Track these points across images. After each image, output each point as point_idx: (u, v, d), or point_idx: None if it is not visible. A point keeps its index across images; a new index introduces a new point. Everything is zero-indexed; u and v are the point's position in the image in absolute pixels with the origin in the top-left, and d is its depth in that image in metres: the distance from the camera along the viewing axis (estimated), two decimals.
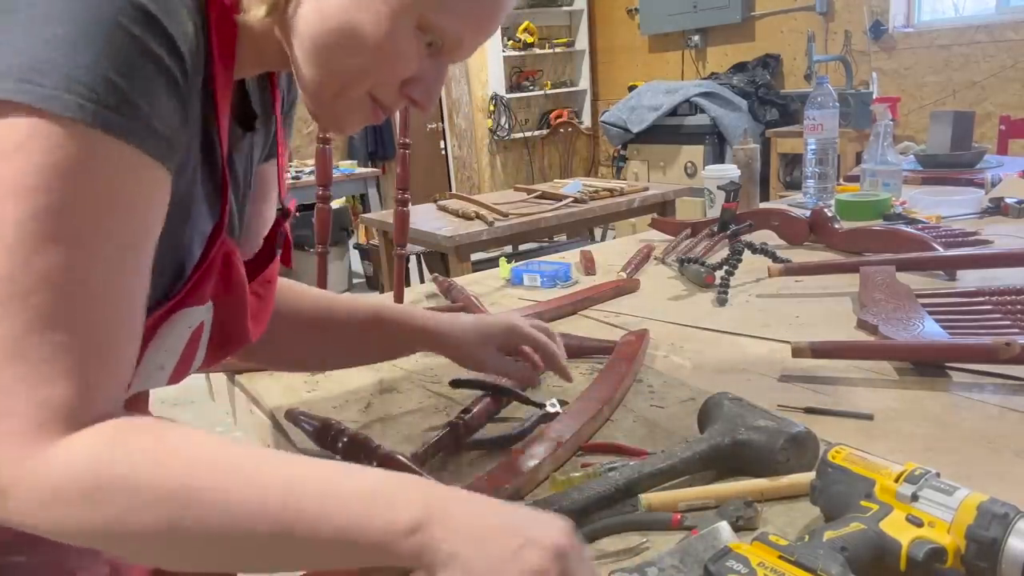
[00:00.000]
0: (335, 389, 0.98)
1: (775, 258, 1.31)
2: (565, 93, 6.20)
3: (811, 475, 0.63)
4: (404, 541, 0.43)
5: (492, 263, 2.37)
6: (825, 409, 0.81)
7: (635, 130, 4.48)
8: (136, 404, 0.80)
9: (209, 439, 0.46)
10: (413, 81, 0.58)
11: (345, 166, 4.68)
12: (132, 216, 0.47)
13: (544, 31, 6.01)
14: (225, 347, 0.67)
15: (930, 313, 1.01)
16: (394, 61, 0.56)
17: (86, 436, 0.44)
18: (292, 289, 0.81)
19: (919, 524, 0.53)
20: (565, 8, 5.96)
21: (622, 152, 4.78)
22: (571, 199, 2.71)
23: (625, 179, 4.48)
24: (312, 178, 3.96)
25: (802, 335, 0.98)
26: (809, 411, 0.81)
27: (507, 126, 5.97)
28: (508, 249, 3.55)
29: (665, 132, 4.42)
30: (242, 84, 0.66)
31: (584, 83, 6.16)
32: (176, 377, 0.63)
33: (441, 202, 2.95)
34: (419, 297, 1.39)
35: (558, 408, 0.84)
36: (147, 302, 0.51)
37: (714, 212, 1.75)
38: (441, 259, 3.36)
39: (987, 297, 1.07)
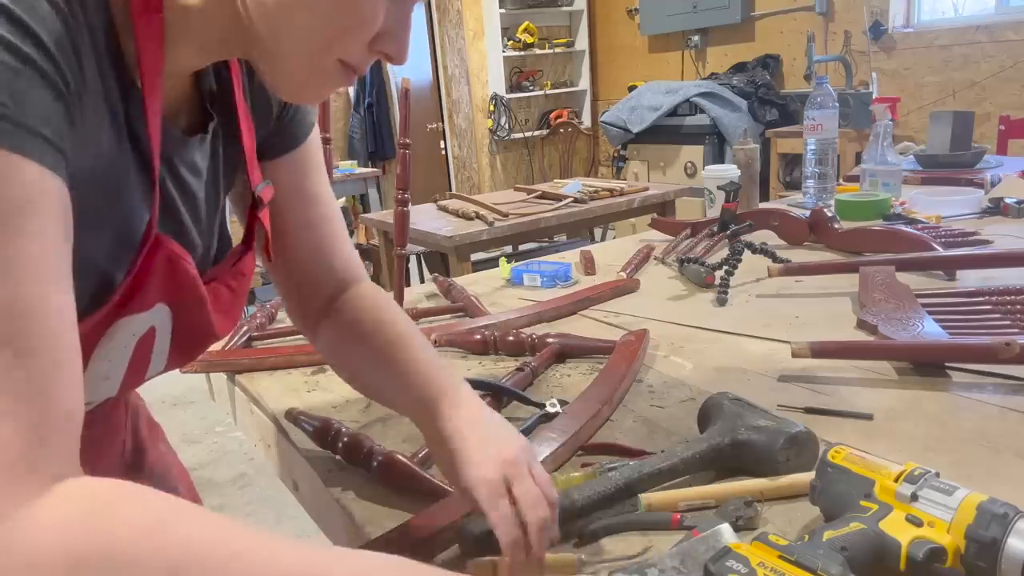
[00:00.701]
0: (335, 389, 0.98)
1: (775, 258, 1.31)
2: (565, 93, 6.20)
3: (811, 475, 0.63)
4: None
5: (492, 263, 2.37)
6: (825, 409, 0.81)
7: (635, 130, 4.48)
8: (116, 409, 0.80)
9: (197, 516, 0.42)
10: (381, 35, 0.55)
11: (345, 166, 4.68)
12: (34, 227, 0.42)
13: (544, 31, 6.01)
14: (191, 348, 0.66)
15: (930, 313, 1.02)
16: (360, 17, 0.53)
17: (62, 499, 0.40)
18: (381, 318, 0.72)
19: (919, 524, 0.53)
20: (565, 8, 5.96)
21: (622, 152, 4.78)
22: (571, 199, 2.71)
23: (625, 179, 4.48)
24: None
25: (802, 335, 0.98)
26: (809, 411, 0.81)
27: (507, 126, 5.97)
28: (508, 249, 3.55)
29: (665, 132, 4.42)
30: (198, 81, 0.63)
31: (584, 83, 6.16)
32: (129, 385, 0.62)
33: (441, 202, 2.95)
34: (419, 297, 1.39)
35: (558, 408, 0.84)
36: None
37: (714, 212, 1.75)
38: (441, 259, 3.36)
39: (987, 297, 1.07)
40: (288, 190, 0.72)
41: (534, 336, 1.05)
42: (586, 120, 6.16)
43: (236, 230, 0.75)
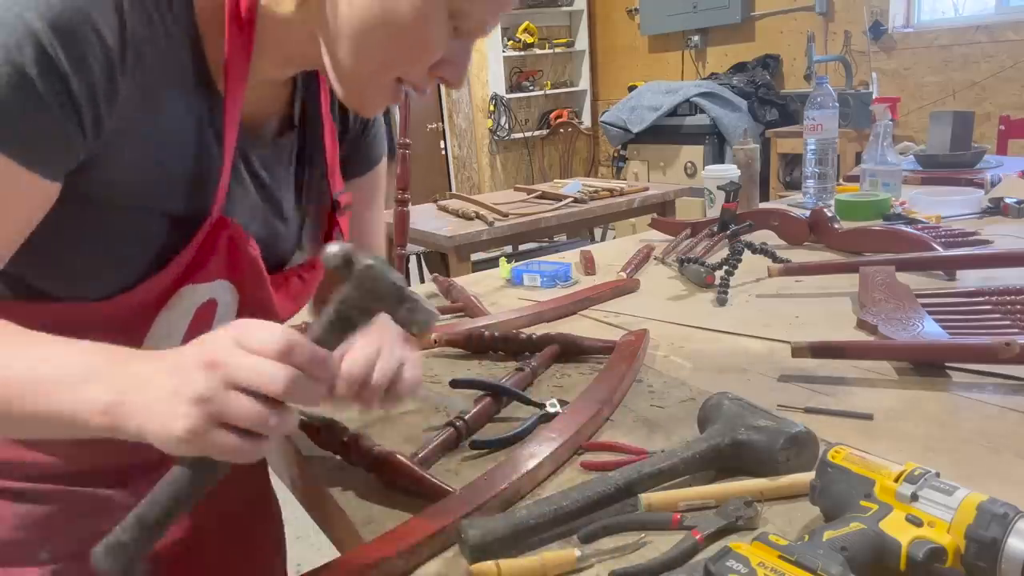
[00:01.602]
0: None
1: (775, 258, 1.31)
2: (565, 93, 6.20)
3: (811, 475, 0.63)
4: (98, 419, 0.50)
5: (492, 263, 2.37)
6: (825, 409, 0.81)
7: (635, 130, 4.48)
8: None
9: None
10: (443, 63, 0.62)
11: None
12: None
13: (544, 31, 6.00)
14: None
15: (930, 313, 1.02)
16: (427, 47, 0.59)
17: None
18: None
19: (919, 524, 0.53)
20: (565, 8, 5.96)
21: (622, 152, 4.78)
22: (571, 199, 2.71)
23: (625, 179, 4.48)
24: None
25: (802, 335, 0.98)
26: (809, 411, 0.81)
27: (507, 126, 5.97)
28: (508, 249, 3.54)
29: (665, 132, 4.42)
30: (293, 87, 0.71)
31: (584, 83, 6.16)
32: None
33: (441, 202, 2.95)
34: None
35: (558, 408, 0.84)
36: (125, 277, 0.61)
37: (714, 212, 1.75)
38: (441, 259, 3.36)
39: (987, 297, 1.07)
40: (353, 213, 0.81)
41: (534, 336, 1.05)
42: (586, 120, 6.16)
43: None
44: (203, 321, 0.69)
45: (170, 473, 0.50)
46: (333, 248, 0.50)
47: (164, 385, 0.48)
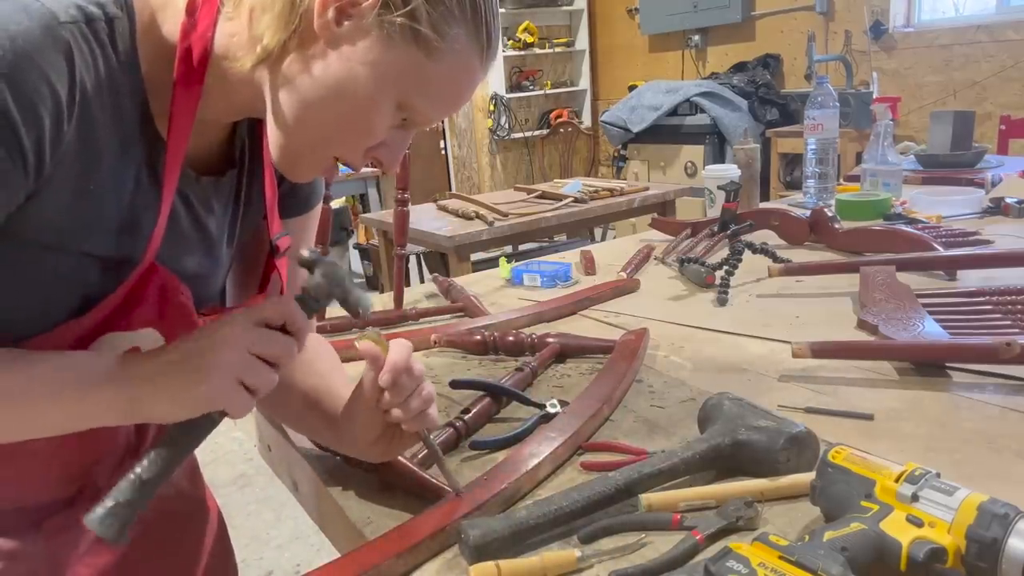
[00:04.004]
0: None
1: (775, 258, 1.31)
2: (565, 93, 6.20)
3: (811, 475, 0.63)
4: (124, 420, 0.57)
5: (492, 263, 2.37)
6: (825, 409, 0.81)
7: (635, 130, 4.48)
8: None
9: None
10: (381, 146, 0.63)
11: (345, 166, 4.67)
12: None
13: (544, 31, 6.00)
14: None
15: (930, 313, 1.01)
16: (371, 132, 0.60)
17: None
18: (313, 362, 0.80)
19: (919, 524, 0.53)
20: (565, 8, 5.96)
21: (622, 152, 4.78)
22: (571, 199, 2.71)
23: (625, 179, 4.48)
24: None
25: (802, 335, 0.98)
26: (809, 411, 0.81)
27: (507, 126, 5.97)
28: (508, 249, 3.55)
29: (665, 132, 4.42)
30: (235, 125, 0.70)
31: (584, 83, 6.15)
32: None
33: (441, 202, 2.95)
34: (419, 297, 1.39)
35: (558, 408, 0.84)
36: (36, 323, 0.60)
37: (714, 212, 1.75)
38: (441, 259, 3.36)
39: (987, 297, 1.07)
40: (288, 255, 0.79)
41: (534, 336, 1.04)
42: (586, 120, 6.16)
43: None
44: None
45: (166, 435, 0.57)
46: (304, 251, 0.62)
47: (185, 366, 0.56)
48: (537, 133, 5.99)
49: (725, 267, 1.26)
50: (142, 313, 0.64)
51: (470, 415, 0.82)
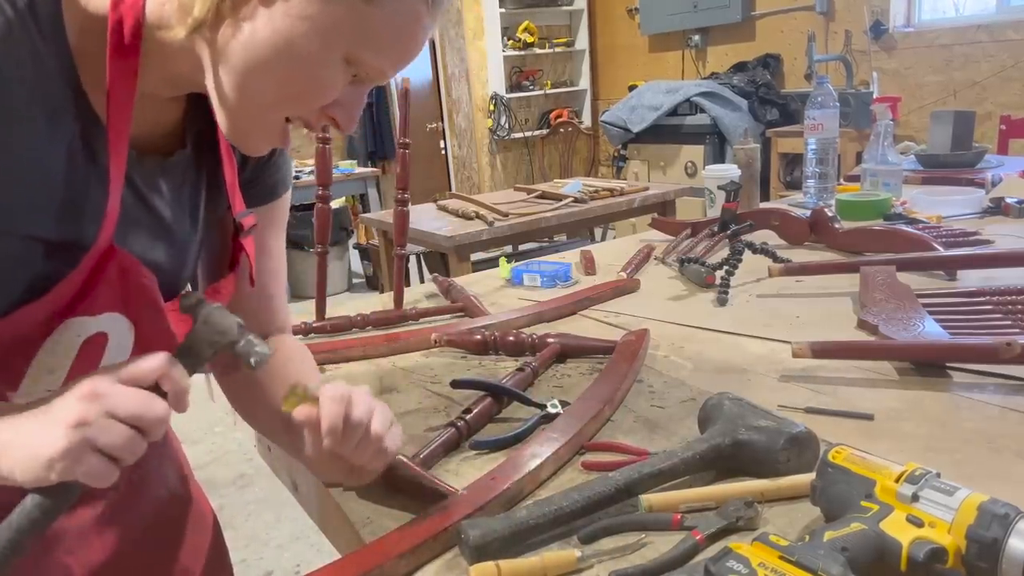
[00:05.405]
0: None
1: (775, 258, 1.31)
2: (565, 93, 6.20)
3: (811, 475, 0.63)
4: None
5: (492, 263, 2.37)
6: (825, 409, 0.81)
7: (635, 130, 4.48)
8: None
9: None
10: (335, 105, 0.60)
11: (345, 166, 4.68)
12: None
13: (544, 31, 6.01)
14: None
15: (931, 313, 1.01)
16: (321, 89, 0.58)
17: None
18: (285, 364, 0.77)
19: (920, 524, 0.53)
20: (565, 8, 5.96)
21: (622, 152, 4.78)
22: (571, 199, 2.71)
23: (625, 179, 4.48)
24: (312, 178, 3.96)
25: (802, 335, 0.98)
26: (809, 411, 0.81)
27: (507, 126, 5.97)
28: (508, 249, 3.55)
29: (665, 132, 4.42)
30: (186, 106, 0.68)
31: (584, 83, 6.16)
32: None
33: (441, 202, 2.95)
34: (419, 297, 1.39)
35: (559, 409, 0.84)
36: None
37: (714, 212, 1.75)
38: (441, 259, 3.36)
39: (988, 297, 1.07)
40: (256, 242, 0.77)
41: (534, 336, 1.04)
42: (586, 120, 6.16)
43: None
44: (91, 355, 0.65)
45: (26, 501, 0.52)
46: (187, 296, 0.59)
47: (41, 419, 0.51)
48: (537, 133, 5.99)
49: (725, 267, 1.26)
50: (103, 296, 0.62)
51: (471, 415, 0.82)
